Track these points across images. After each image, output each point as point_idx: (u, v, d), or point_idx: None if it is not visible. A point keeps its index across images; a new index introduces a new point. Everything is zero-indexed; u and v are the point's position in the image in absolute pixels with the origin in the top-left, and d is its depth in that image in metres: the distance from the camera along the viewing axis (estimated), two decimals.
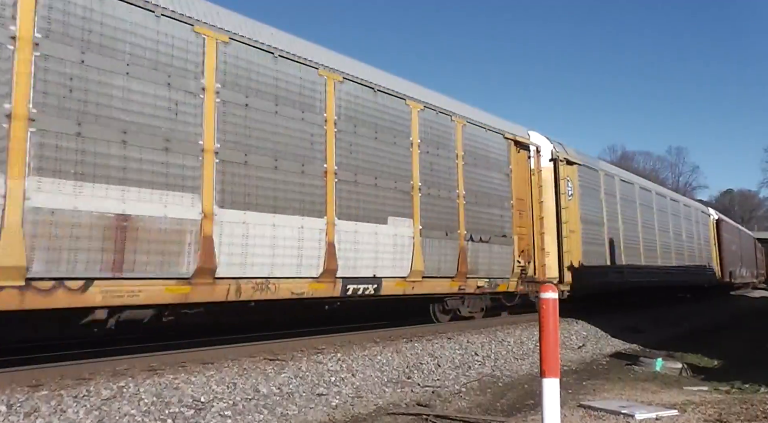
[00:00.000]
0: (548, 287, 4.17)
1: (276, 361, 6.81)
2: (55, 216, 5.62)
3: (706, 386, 7.90)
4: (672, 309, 19.50)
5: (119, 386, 5.34)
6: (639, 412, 5.67)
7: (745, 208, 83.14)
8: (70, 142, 5.79)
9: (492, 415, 6.21)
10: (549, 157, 13.79)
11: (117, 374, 5.85)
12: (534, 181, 13.17)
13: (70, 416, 4.78)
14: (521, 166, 12.78)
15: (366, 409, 6.25)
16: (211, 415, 5.31)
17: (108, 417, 4.89)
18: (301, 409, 5.89)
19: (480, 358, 8.88)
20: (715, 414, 5.67)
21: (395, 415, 6.00)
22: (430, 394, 7.00)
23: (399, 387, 7.07)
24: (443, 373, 7.94)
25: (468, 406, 6.63)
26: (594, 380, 8.26)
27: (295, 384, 6.31)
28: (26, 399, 4.84)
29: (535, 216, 13.02)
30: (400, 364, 7.71)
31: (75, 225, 5.73)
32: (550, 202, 13.71)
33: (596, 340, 12.11)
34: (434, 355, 8.35)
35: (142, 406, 5.14)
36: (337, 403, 6.22)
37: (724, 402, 6.30)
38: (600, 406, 6.01)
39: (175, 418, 5.13)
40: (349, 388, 6.63)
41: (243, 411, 5.52)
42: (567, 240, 13.83)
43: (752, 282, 42.28)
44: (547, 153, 13.83)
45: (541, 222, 13.11)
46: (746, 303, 29.01)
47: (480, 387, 7.64)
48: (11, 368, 5.78)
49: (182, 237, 6.54)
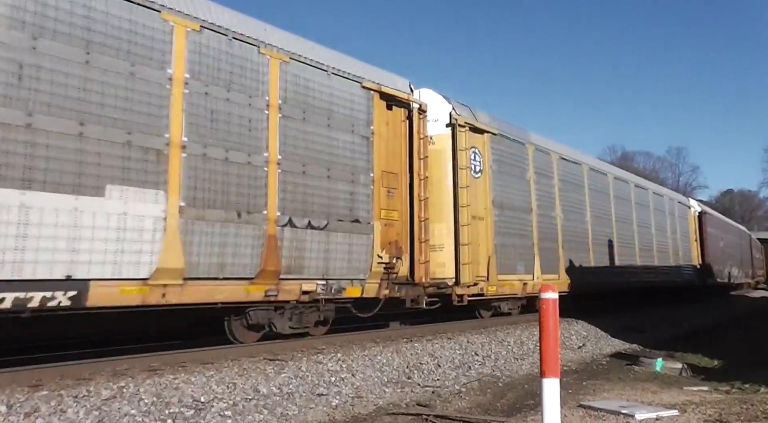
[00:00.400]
0: (548, 287, 4.16)
1: (276, 361, 6.81)
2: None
3: (706, 386, 7.90)
4: (672, 309, 19.49)
5: (119, 386, 5.35)
6: (639, 412, 5.67)
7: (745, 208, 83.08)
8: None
9: (492, 415, 6.22)
10: (446, 122, 11.09)
11: (117, 374, 5.85)
12: (416, 151, 10.00)
13: (70, 416, 4.78)
14: (394, 129, 9.74)
15: (366, 409, 6.25)
16: (211, 415, 5.32)
17: (108, 417, 4.89)
18: (301, 409, 5.90)
19: (480, 358, 8.88)
20: (715, 414, 5.66)
21: (395, 415, 6.00)
22: (430, 394, 7.00)
23: (399, 387, 7.07)
24: (443, 373, 7.94)
25: (468, 406, 6.63)
26: (594, 380, 8.26)
27: (295, 384, 6.31)
28: (26, 399, 4.84)
29: (417, 197, 9.91)
30: (400, 364, 7.71)
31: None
32: (446, 181, 11.02)
33: (596, 340, 12.11)
34: (434, 355, 8.35)
35: (142, 406, 5.15)
36: (337, 403, 6.22)
37: (724, 402, 6.30)
38: (600, 406, 6.00)
39: (175, 418, 5.13)
40: (349, 388, 6.63)
41: (243, 411, 5.52)
42: (468, 229, 10.96)
43: (747, 282, 39.11)
44: (443, 116, 11.12)
45: (424, 205, 10.03)
46: (746, 303, 29.01)
47: (480, 387, 7.65)
48: (11, 368, 5.79)
49: None
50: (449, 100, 11.33)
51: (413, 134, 10.07)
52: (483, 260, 11.36)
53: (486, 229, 11.54)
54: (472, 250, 10.97)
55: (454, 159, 11.03)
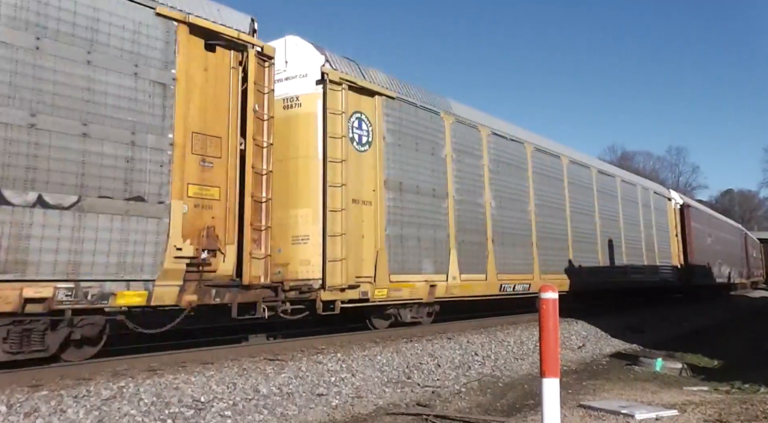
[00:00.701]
0: (548, 287, 4.16)
1: (276, 361, 6.81)
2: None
3: (706, 386, 7.91)
4: (672, 309, 19.49)
5: (119, 386, 5.35)
6: (639, 412, 5.67)
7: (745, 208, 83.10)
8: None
9: (492, 415, 6.22)
10: (317, 78, 8.83)
11: (117, 374, 5.85)
12: (252, 108, 7.62)
13: (70, 416, 4.78)
14: (217, 78, 7.37)
15: (366, 409, 6.25)
16: (211, 415, 5.32)
17: (108, 417, 4.89)
18: (301, 409, 5.90)
19: (480, 358, 8.88)
20: (715, 414, 5.66)
21: (395, 415, 6.00)
22: (430, 394, 7.00)
23: (399, 387, 7.07)
24: (443, 373, 7.94)
25: (468, 406, 6.63)
26: (594, 380, 8.26)
27: (295, 384, 6.31)
28: (26, 399, 4.84)
29: (250, 170, 7.54)
30: (400, 364, 7.71)
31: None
32: (316, 153, 8.67)
33: (596, 340, 12.11)
34: (434, 355, 8.35)
35: (142, 406, 5.15)
36: (337, 403, 6.22)
37: (724, 402, 6.30)
38: (600, 406, 6.00)
39: (175, 418, 5.13)
40: (349, 388, 6.63)
41: (243, 411, 5.53)
42: (343, 216, 8.54)
43: (742, 283, 36.29)
44: (313, 70, 8.87)
45: (267, 181, 7.73)
46: (746, 303, 29.00)
47: (480, 387, 7.65)
48: (11, 368, 5.79)
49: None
50: (322, 50, 9.02)
51: (252, 86, 7.65)
52: (368, 256, 8.96)
53: (375, 216, 9.13)
54: (348, 242, 8.59)
55: (325, 125, 8.65)
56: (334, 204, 8.53)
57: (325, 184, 8.52)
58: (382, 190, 9.40)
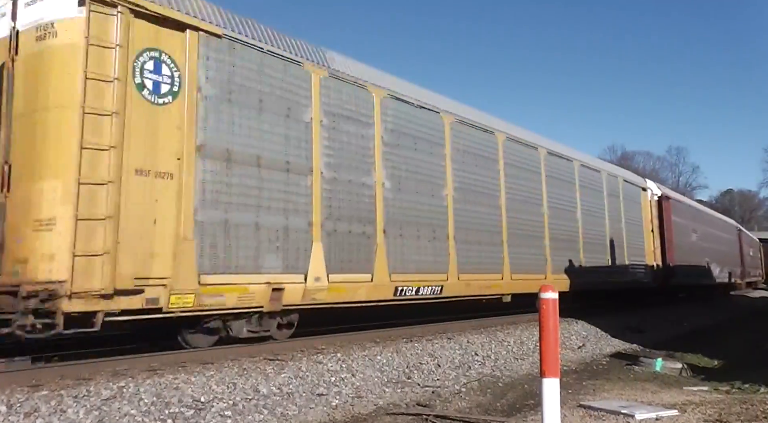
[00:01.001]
0: (548, 287, 4.15)
1: (276, 361, 6.81)
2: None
3: (706, 386, 7.91)
4: (672, 309, 19.49)
5: (119, 386, 5.35)
6: (639, 412, 5.67)
7: (745, 208, 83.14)
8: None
9: (492, 415, 6.22)
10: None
11: (117, 374, 5.85)
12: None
13: (70, 416, 4.78)
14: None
15: (366, 409, 6.25)
16: (211, 415, 5.32)
17: (108, 417, 4.89)
18: (301, 409, 5.90)
19: (480, 358, 8.88)
20: (715, 414, 5.67)
21: (395, 415, 6.00)
22: (430, 394, 7.00)
23: (399, 387, 7.07)
24: (443, 373, 7.94)
25: (468, 406, 6.63)
26: (594, 380, 8.26)
27: (295, 384, 6.31)
28: (26, 399, 4.84)
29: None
30: (400, 364, 7.71)
31: None
32: (64, 99, 6.11)
33: (596, 340, 12.11)
34: (434, 355, 8.35)
35: (142, 406, 5.15)
36: (337, 403, 6.22)
37: (724, 402, 6.31)
38: (600, 406, 6.01)
39: (175, 418, 5.13)
40: (349, 388, 6.63)
41: (243, 411, 5.53)
42: (107, 190, 6.10)
43: (736, 283, 33.23)
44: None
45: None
46: (746, 303, 29.01)
47: (480, 387, 7.65)
48: (11, 368, 5.79)
49: None
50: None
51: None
52: (164, 249, 6.53)
53: (179, 194, 6.72)
54: (123, 229, 6.18)
55: (87, 61, 6.15)
56: (93, 175, 6.06)
57: (82, 146, 6.03)
58: (194, 159, 6.89)
